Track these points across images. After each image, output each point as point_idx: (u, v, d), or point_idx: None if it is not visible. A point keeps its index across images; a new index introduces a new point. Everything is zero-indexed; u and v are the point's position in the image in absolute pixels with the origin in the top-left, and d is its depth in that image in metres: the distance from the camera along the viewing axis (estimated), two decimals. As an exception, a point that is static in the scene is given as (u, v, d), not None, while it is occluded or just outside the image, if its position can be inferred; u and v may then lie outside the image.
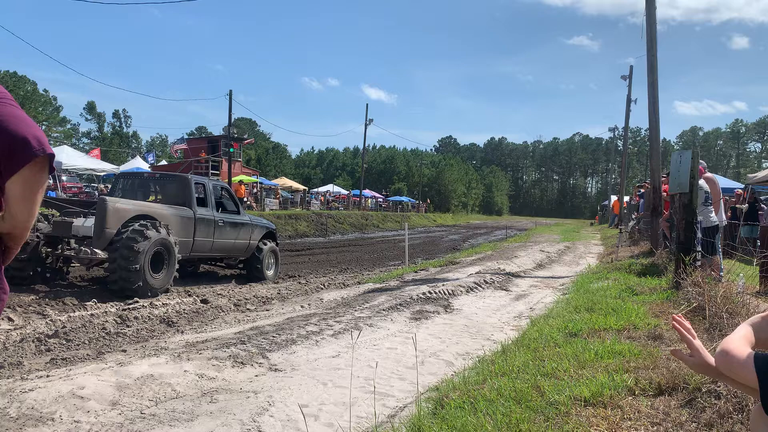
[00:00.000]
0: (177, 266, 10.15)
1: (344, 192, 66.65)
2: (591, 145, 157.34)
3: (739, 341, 1.60)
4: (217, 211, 11.87)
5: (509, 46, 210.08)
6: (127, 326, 7.54)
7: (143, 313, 8.20)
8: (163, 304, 9.02)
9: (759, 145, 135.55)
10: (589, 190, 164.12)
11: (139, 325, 7.62)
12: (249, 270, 12.82)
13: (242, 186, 36.48)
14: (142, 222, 9.61)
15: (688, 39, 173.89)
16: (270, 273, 13.03)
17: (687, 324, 1.72)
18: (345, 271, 15.20)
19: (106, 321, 7.63)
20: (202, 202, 11.60)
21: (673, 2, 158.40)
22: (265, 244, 12.96)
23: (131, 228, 9.42)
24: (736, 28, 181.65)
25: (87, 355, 5.95)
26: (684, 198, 8.74)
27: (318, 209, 46.07)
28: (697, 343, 1.68)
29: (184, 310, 8.75)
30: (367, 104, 71.03)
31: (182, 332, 7.30)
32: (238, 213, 12.48)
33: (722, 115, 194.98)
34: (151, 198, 11.86)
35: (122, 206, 9.75)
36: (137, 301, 9.00)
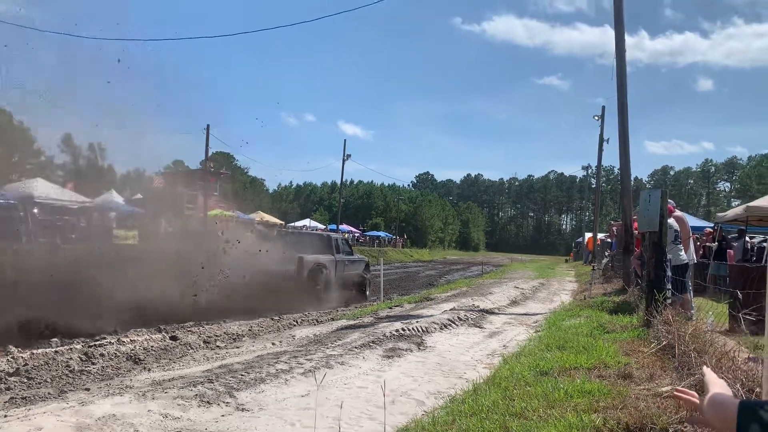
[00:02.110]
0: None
1: (321, 226, 66.46)
2: (565, 182, 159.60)
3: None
4: (344, 254, 17.75)
5: (483, 85, 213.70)
6: (92, 363, 7.36)
7: (109, 350, 8.01)
8: (131, 340, 8.83)
9: (728, 184, 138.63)
10: (564, 227, 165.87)
11: (105, 363, 7.44)
12: (358, 291, 18.39)
13: (216, 220, 36.27)
14: (318, 264, 15.87)
15: (655, 80, 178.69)
16: (367, 293, 18.87)
17: (687, 391, 1.70)
18: (319, 307, 15.06)
19: (71, 358, 7.44)
20: (337, 250, 17.40)
21: (640, 45, 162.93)
22: (367, 274, 19.18)
23: (314, 268, 15.68)
24: (700, 71, 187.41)
25: (48, 393, 5.78)
26: (653, 236, 8.86)
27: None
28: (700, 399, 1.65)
29: (152, 347, 8.57)
30: (345, 140, 71.47)
31: (149, 370, 7.14)
32: (352, 254, 18.95)
33: (691, 155, 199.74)
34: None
35: (310, 259, 15.65)
36: (104, 338, 8.82)
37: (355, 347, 8.13)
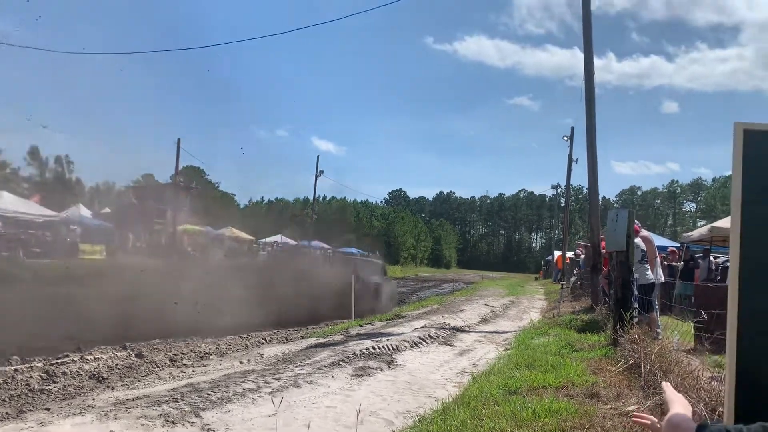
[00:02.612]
0: None
1: (293, 243, 66.02)
2: (535, 201, 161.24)
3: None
4: (383, 275, 23.91)
5: (455, 104, 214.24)
6: (54, 382, 7.17)
7: (72, 369, 7.82)
8: (95, 358, 8.63)
9: (694, 204, 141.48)
10: (534, 245, 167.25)
11: (67, 381, 7.26)
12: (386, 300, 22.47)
13: (185, 235, 35.88)
14: (377, 283, 21.48)
15: (623, 102, 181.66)
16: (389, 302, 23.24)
17: (645, 416, 1.72)
18: (289, 324, 14.92)
19: (31, 377, 7.24)
20: (383, 272, 24.25)
21: (608, 67, 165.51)
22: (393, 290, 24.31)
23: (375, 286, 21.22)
24: (666, 93, 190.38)
25: (6, 414, 5.60)
26: (621, 256, 8.98)
27: (265, 260, 45.39)
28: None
29: (116, 365, 8.39)
30: (318, 156, 71.55)
31: (112, 389, 6.99)
32: (386, 275, 24.23)
33: (657, 176, 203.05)
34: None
35: (372, 279, 21.50)
36: (67, 355, 8.61)
37: (324, 366, 8.06)
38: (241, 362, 8.85)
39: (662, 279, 12.02)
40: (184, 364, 8.79)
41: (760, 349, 2.28)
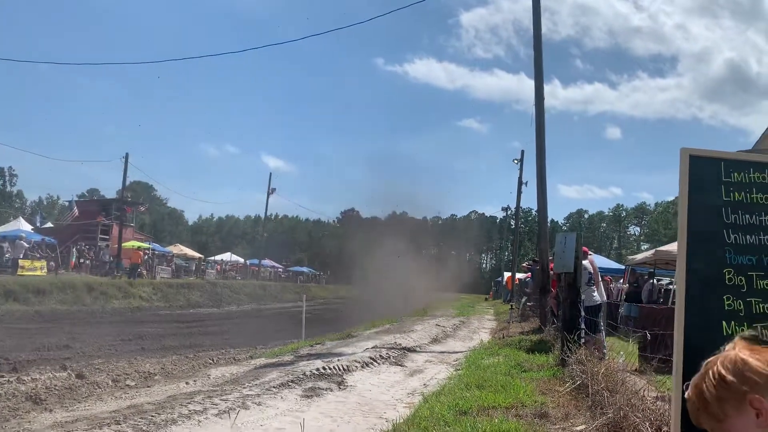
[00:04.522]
0: None
1: (242, 261, 65.10)
2: (486, 222, 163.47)
3: None
4: None
5: (406, 125, 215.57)
6: (-13, 404, 6.84)
7: (7, 390, 7.48)
8: (32, 379, 8.28)
9: (638, 228, 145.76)
10: (484, 266, 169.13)
11: (1, 403, 6.94)
12: None
13: (139, 252, 35.05)
14: None
15: (568, 127, 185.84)
16: None
17: None
18: (238, 344, 14.66)
19: (-38, 399, 6.89)
20: None
21: (554, 93, 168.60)
22: None
23: None
24: (609, 119, 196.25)
25: (-67, 438, 5.31)
26: (569, 278, 9.16)
27: (214, 278, 44.63)
28: None
29: (55, 386, 8.06)
30: (270, 173, 71.03)
31: (50, 411, 6.70)
32: None
33: (602, 200, 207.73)
34: None
35: None
36: (2, 375, 8.24)
37: (274, 387, 7.91)
38: (187, 383, 8.61)
39: (605, 299, 12.31)
40: (128, 385, 8.51)
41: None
